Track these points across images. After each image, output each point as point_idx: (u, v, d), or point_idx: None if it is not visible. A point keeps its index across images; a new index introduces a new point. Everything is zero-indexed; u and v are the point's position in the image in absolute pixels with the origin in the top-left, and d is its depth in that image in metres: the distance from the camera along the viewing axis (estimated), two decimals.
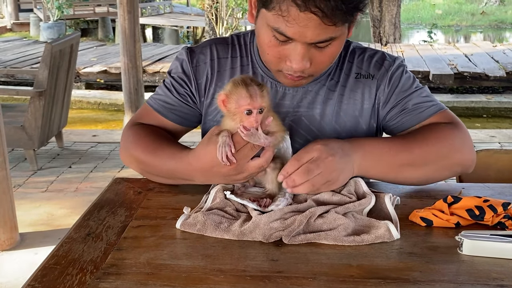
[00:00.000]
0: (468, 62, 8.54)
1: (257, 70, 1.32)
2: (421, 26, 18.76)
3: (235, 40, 1.36)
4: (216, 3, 10.50)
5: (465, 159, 1.24)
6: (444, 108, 1.30)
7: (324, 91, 1.30)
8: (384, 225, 1.00)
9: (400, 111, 1.29)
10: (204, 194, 1.17)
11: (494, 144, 4.82)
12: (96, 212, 1.12)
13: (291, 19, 1.05)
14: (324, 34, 1.07)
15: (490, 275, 0.87)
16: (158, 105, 1.35)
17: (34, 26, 13.92)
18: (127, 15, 5.12)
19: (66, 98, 4.51)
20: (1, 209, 2.87)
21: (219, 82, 1.33)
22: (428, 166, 1.20)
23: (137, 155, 1.27)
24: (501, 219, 1.02)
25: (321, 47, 1.11)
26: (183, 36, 15.60)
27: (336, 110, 1.30)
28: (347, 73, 1.31)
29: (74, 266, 0.91)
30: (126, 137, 1.32)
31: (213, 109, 1.34)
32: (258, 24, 1.16)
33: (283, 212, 1.03)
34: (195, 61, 1.34)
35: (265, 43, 1.14)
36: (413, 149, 1.18)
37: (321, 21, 1.04)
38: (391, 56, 1.33)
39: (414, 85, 1.31)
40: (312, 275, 0.87)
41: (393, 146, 1.19)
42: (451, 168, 1.23)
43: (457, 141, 1.22)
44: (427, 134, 1.22)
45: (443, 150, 1.20)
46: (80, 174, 4.16)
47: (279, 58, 1.15)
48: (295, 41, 1.09)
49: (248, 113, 1.02)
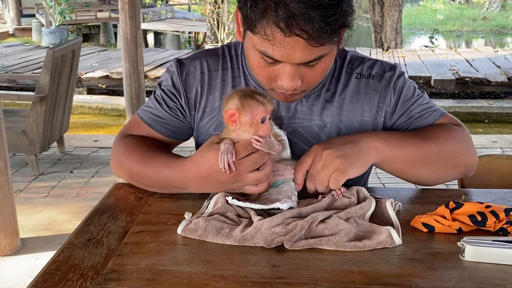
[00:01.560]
0: (469, 67, 8.54)
1: (249, 82, 1.30)
2: (423, 31, 18.78)
3: (226, 51, 1.34)
4: (218, 8, 10.53)
5: (471, 160, 1.27)
6: (445, 112, 1.33)
7: (320, 101, 1.28)
8: (386, 230, 0.99)
9: (407, 120, 1.30)
10: (205, 199, 1.17)
11: (496, 149, 4.81)
12: (97, 217, 1.12)
13: (277, 43, 1.04)
14: (312, 54, 1.07)
15: (492, 281, 0.86)
16: (148, 117, 1.34)
17: (36, 31, 13.96)
18: (129, 20, 5.13)
19: (67, 103, 4.52)
20: (2, 214, 2.87)
21: (210, 96, 1.31)
22: (440, 164, 1.22)
23: (130, 167, 1.26)
24: (503, 225, 1.02)
25: (311, 65, 1.10)
26: (185, 41, 15.64)
27: (336, 122, 1.28)
28: (345, 83, 1.29)
29: (75, 271, 0.91)
30: (117, 149, 1.31)
31: (205, 122, 1.32)
32: (246, 45, 1.15)
33: (284, 217, 1.03)
34: (184, 74, 1.32)
35: (255, 64, 1.13)
36: (426, 145, 1.20)
37: (307, 43, 1.03)
38: (389, 65, 1.32)
39: (416, 93, 1.31)
40: (313, 281, 0.86)
41: (407, 139, 1.21)
42: (458, 168, 1.25)
43: (465, 142, 1.26)
44: (438, 132, 1.24)
45: (453, 147, 1.23)
46: (82, 179, 4.16)
47: (270, 78, 1.14)
48: (284, 62, 1.08)
49: (262, 121, 1.04)
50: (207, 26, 11.25)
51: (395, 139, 1.20)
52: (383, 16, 11.44)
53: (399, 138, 1.21)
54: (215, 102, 1.31)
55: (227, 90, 1.30)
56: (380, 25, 11.50)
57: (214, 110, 1.31)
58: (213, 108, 1.31)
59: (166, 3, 19.80)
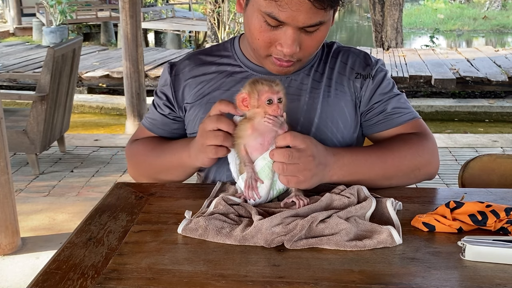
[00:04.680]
0: (470, 66, 8.54)
1: (244, 69, 1.35)
2: (423, 30, 18.77)
3: (215, 47, 1.43)
4: (218, 7, 10.53)
5: (432, 168, 1.31)
6: (418, 117, 1.36)
7: (309, 80, 1.33)
8: (386, 230, 0.99)
9: (379, 112, 1.33)
10: (205, 198, 1.17)
11: (496, 149, 4.82)
12: (97, 216, 1.12)
13: (284, 3, 1.10)
14: (315, 18, 1.13)
15: (493, 280, 0.86)
16: (148, 123, 1.44)
17: (36, 30, 13.98)
18: (129, 19, 5.13)
19: (68, 103, 4.52)
20: (3, 213, 2.87)
21: (199, 85, 1.35)
22: (399, 176, 1.26)
23: (143, 158, 1.37)
24: (504, 224, 1.02)
25: (310, 31, 1.17)
26: (185, 41, 15.63)
27: (323, 102, 1.31)
28: (331, 67, 1.35)
29: (75, 271, 0.91)
30: (129, 150, 1.44)
31: (194, 108, 1.35)
32: (248, 12, 1.20)
33: (283, 216, 1.03)
34: (174, 72, 1.39)
35: (256, 28, 1.18)
36: (387, 162, 1.23)
37: (312, 5, 1.10)
38: (374, 57, 1.39)
39: (394, 90, 1.36)
40: (313, 281, 0.86)
41: (369, 159, 1.23)
42: (418, 177, 1.30)
43: (427, 154, 1.29)
44: (401, 147, 1.26)
45: (414, 161, 1.26)
46: (82, 178, 4.17)
47: (269, 43, 1.19)
48: (286, 25, 1.14)
49: (269, 102, 1.07)
50: (208, 25, 11.26)
51: (358, 164, 1.20)
52: (383, 15, 11.44)
53: (362, 161, 1.21)
54: (204, 92, 1.35)
55: (223, 80, 1.35)
56: (380, 25, 11.50)
57: (203, 98, 1.35)
58: (202, 96, 1.35)
59: (166, 2, 19.82)
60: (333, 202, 1.10)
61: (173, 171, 1.33)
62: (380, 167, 1.23)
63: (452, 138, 5.19)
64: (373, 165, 1.22)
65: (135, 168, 1.44)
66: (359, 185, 1.17)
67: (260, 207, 1.10)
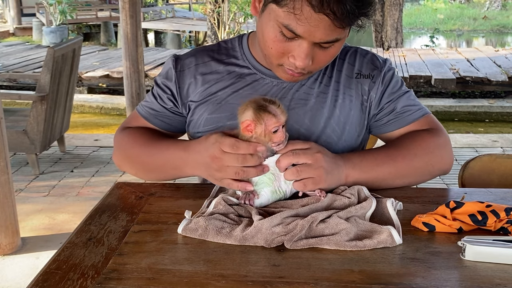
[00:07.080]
0: (470, 66, 8.54)
1: (253, 71, 1.33)
2: (423, 30, 18.78)
3: (223, 44, 1.39)
4: (218, 7, 10.53)
5: (446, 164, 1.29)
6: (428, 112, 1.35)
7: (317, 85, 1.31)
8: (386, 230, 0.99)
9: (389, 112, 1.33)
10: (205, 198, 1.17)
11: (496, 149, 4.81)
12: (97, 216, 1.12)
13: (303, 18, 1.06)
14: (332, 35, 1.11)
15: (493, 280, 0.86)
16: (145, 111, 1.39)
17: (36, 30, 13.98)
18: (129, 19, 5.13)
19: (68, 103, 4.52)
20: (3, 213, 2.87)
21: (206, 84, 1.33)
22: (413, 174, 1.25)
23: (133, 152, 1.32)
24: (504, 224, 1.02)
25: (325, 47, 1.14)
26: (185, 41, 15.64)
27: (330, 106, 1.30)
28: (339, 69, 1.33)
29: (75, 271, 0.91)
30: (119, 139, 1.37)
31: (200, 107, 1.33)
32: (264, 18, 1.16)
33: (283, 216, 1.03)
34: (179, 67, 1.36)
35: (270, 37, 1.15)
36: (397, 160, 1.23)
37: (331, 23, 1.07)
38: (381, 57, 1.38)
39: (403, 88, 1.35)
40: (313, 281, 0.86)
41: (378, 157, 1.23)
42: (432, 173, 1.28)
43: (438, 149, 1.28)
44: (410, 145, 1.26)
45: (426, 158, 1.25)
46: (82, 178, 4.17)
47: (282, 53, 1.16)
48: (302, 39, 1.11)
49: (275, 131, 1.07)
50: (208, 25, 11.25)
51: (368, 163, 1.21)
52: (383, 15, 11.44)
53: (371, 160, 1.22)
54: (211, 91, 1.33)
55: (231, 80, 1.33)
56: (380, 25, 11.50)
57: (210, 97, 1.33)
58: (209, 95, 1.33)
59: (166, 2, 19.83)
60: (334, 202, 1.10)
61: (163, 173, 1.29)
62: (391, 165, 1.22)
63: (452, 138, 5.17)
64: (383, 163, 1.21)
65: (122, 160, 1.37)
66: (365, 186, 1.17)
67: (260, 207, 1.10)
